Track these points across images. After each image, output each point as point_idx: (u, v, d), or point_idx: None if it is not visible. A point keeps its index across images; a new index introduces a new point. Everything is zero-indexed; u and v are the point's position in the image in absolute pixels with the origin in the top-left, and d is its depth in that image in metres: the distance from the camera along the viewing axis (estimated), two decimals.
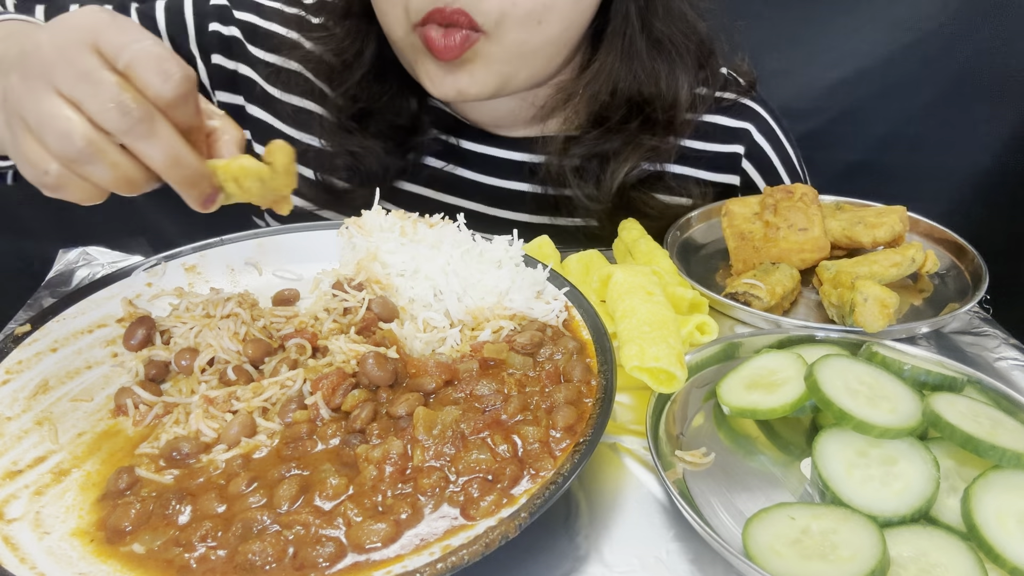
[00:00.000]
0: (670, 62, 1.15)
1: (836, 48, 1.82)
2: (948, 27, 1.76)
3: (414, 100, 1.21)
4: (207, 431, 0.74)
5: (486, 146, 1.27)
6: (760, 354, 0.85)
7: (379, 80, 1.18)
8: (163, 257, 0.97)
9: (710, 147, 1.27)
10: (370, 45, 1.15)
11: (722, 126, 1.27)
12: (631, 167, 1.18)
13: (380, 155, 1.21)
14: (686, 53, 1.16)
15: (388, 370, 0.77)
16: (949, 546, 0.63)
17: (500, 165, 1.27)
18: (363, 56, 1.16)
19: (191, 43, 1.22)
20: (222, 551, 0.61)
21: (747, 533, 0.65)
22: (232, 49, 1.24)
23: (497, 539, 0.59)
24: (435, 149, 1.27)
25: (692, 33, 1.16)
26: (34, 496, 0.68)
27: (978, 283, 1.03)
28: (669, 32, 1.13)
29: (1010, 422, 0.75)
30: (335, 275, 0.91)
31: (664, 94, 1.15)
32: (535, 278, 0.91)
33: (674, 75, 1.15)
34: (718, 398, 0.81)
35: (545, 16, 1.00)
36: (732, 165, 1.28)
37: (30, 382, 0.80)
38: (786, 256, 1.06)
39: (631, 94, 1.15)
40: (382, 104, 1.20)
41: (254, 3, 1.25)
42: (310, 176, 1.25)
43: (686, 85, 1.16)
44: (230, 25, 1.23)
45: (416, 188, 1.29)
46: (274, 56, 1.24)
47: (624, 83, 1.14)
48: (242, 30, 1.24)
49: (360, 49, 1.16)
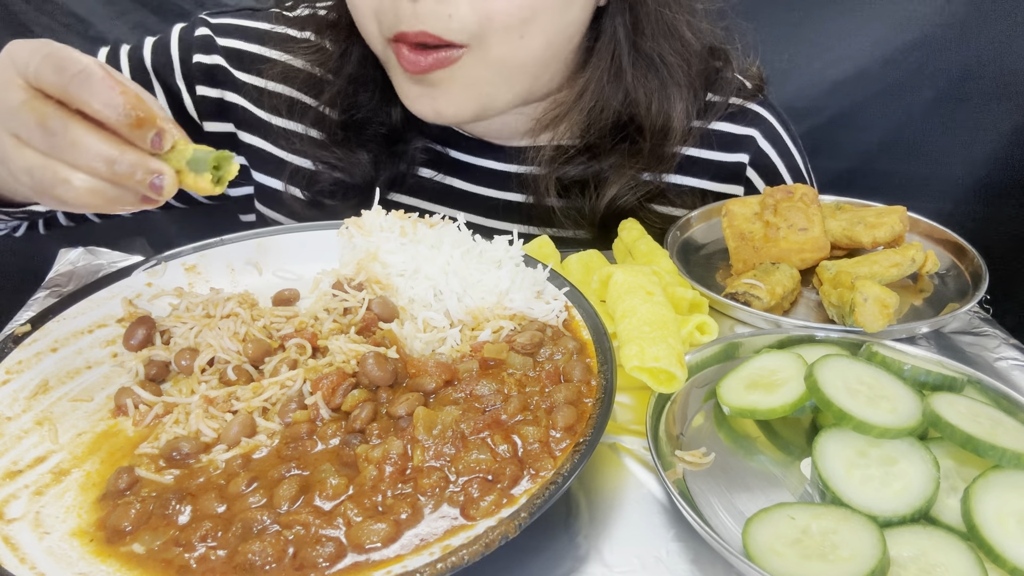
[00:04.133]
0: (662, 82, 1.12)
1: (836, 48, 1.82)
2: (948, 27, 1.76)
3: (398, 109, 1.18)
4: (207, 431, 0.74)
5: (480, 158, 1.25)
6: (760, 354, 0.85)
7: (363, 87, 1.17)
8: (163, 257, 0.97)
9: (714, 156, 1.25)
10: (354, 52, 1.14)
11: (726, 133, 1.24)
12: (618, 192, 1.16)
13: (368, 168, 1.20)
14: (681, 72, 1.13)
15: (388, 370, 0.77)
16: (949, 546, 0.63)
17: (494, 176, 1.26)
18: (347, 64, 1.15)
19: (176, 76, 1.22)
20: (222, 551, 0.61)
21: (747, 533, 0.65)
22: (216, 77, 1.23)
23: (497, 539, 0.59)
24: (428, 159, 1.25)
25: (689, 51, 1.13)
26: (34, 496, 0.68)
27: (978, 283, 1.03)
28: (661, 51, 1.10)
29: (1010, 422, 0.75)
30: (335, 275, 0.91)
31: (654, 116, 1.13)
32: (535, 278, 0.91)
33: (666, 96, 1.12)
34: (718, 398, 0.81)
35: (526, 30, 0.98)
36: (736, 175, 1.26)
37: (30, 382, 0.80)
38: (786, 256, 1.06)
39: (619, 114, 1.13)
40: (368, 113, 1.19)
41: (238, 27, 1.24)
42: (300, 196, 1.24)
43: (680, 105, 1.13)
44: (212, 54, 1.22)
45: (409, 199, 1.27)
46: (260, 80, 1.23)
47: (612, 100, 1.12)
48: (226, 57, 1.23)
49: (346, 56, 1.15)
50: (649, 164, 1.18)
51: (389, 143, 1.21)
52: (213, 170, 0.70)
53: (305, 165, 1.23)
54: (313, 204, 1.24)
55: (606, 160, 1.17)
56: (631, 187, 1.18)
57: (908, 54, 1.80)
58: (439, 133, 1.24)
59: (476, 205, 1.26)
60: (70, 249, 1.10)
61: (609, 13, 1.08)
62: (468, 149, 1.25)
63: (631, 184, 1.18)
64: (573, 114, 1.15)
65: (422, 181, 1.26)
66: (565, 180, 1.18)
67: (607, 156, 1.17)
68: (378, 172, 1.21)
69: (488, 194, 1.26)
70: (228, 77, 1.23)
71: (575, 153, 1.17)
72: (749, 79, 1.26)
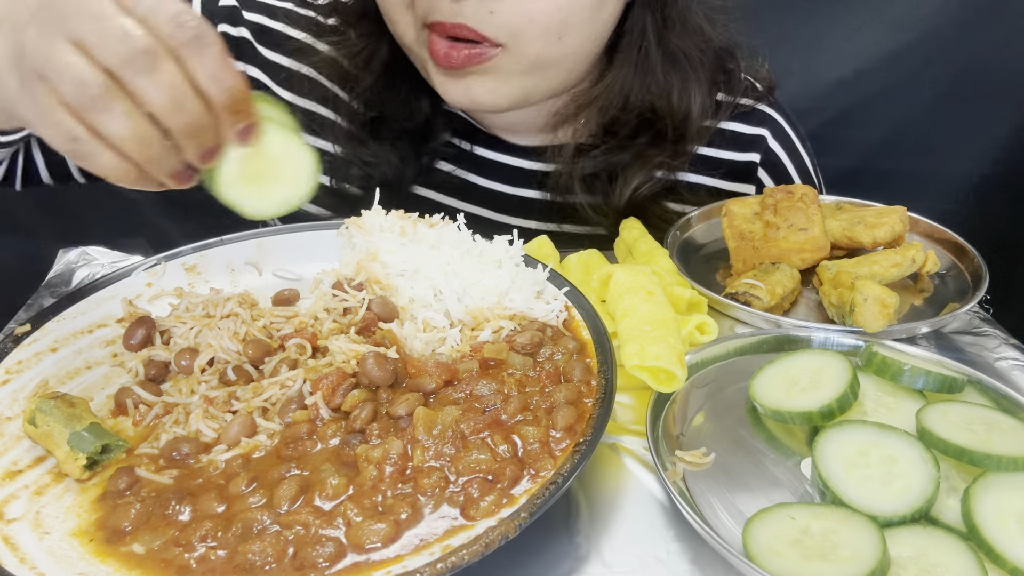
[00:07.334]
0: (684, 76, 1.14)
1: (836, 48, 1.82)
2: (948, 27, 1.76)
3: (427, 103, 1.19)
4: (207, 431, 0.74)
5: (498, 153, 1.26)
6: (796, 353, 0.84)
7: (392, 83, 1.17)
8: (163, 257, 0.97)
9: (725, 155, 1.26)
10: (383, 47, 1.14)
11: (738, 133, 1.26)
12: (640, 182, 1.17)
13: (394, 162, 1.20)
14: (700, 67, 1.15)
15: (388, 370, 0.77)
16: (949, 546, 0.63)
17: (512, 172, 1.26)
18: (376, 58, 1.15)
19: None
20: (222, 551, 0.61)
21: (747, 533, 0.65)
22: (241, 50, 1.22)
23: (497, 539, 0.59)
24: (448, 153, 1.26)
25: (708, 47, 1.15)
26: (34, 496, 0.68)
27: (978, 283, 1.03)
28: (685, 47, 1.12)
29: (1008, 422, 0.75)
30: (335, 275, 0.91)
31: (676, 109, 1.14)
32: (535, 278, 0.91)
33: (687, 90, 1.14)
34: (751, 396, 0.80)
35: (564, 31, 0.99)
36: (748, 174, 1.27)
37: (30, 382, 0.80)
38: (786, 256, 1.06)
39: (642, 107, 1.14)
40: (395, 108, 1.19)
41: (264, 4, 1.24)
42: (324, 183, 1.24)
43: (699, 99, 1.15)
44: (239, 26, 1.22)
45: (426, 192, 1.28)
46: (287, 59, 1.22)
47: (636, 96, 1.13)
48: (251, 31, 1.22)
49: (373, 51, 1.15)
50: (667, 158, 1.19)
51: (416, 137, 1.22)
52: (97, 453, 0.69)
53: (327, 148, 1.23)
54: (334, 192, 1.24)
55: (627, 153, 1.18)
56: (647, 182, 1.19)
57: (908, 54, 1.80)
58: (462, 129, 1.25)
59: (494, 201, 1.27)
60: (70, 249, 1.10)
61: (637, 9, 1.09)
62: (488, 145, 1.26)
63: (648, 179, 1.19)
64: (593, 108, 1.16)
65: (442, 176, 1.27)
66: (587, 174, 1.19)
67: (627, 150, 1.18)
68: (405, 166, 1.21)
69: (507, 191, 1.27)
70: (253, 52, 1.22)
71: (593, 148, 1.18)
72: (759, 81, 1.27)
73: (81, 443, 0.68)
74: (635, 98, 1.13)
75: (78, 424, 0.70)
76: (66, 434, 0.69)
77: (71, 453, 0.68)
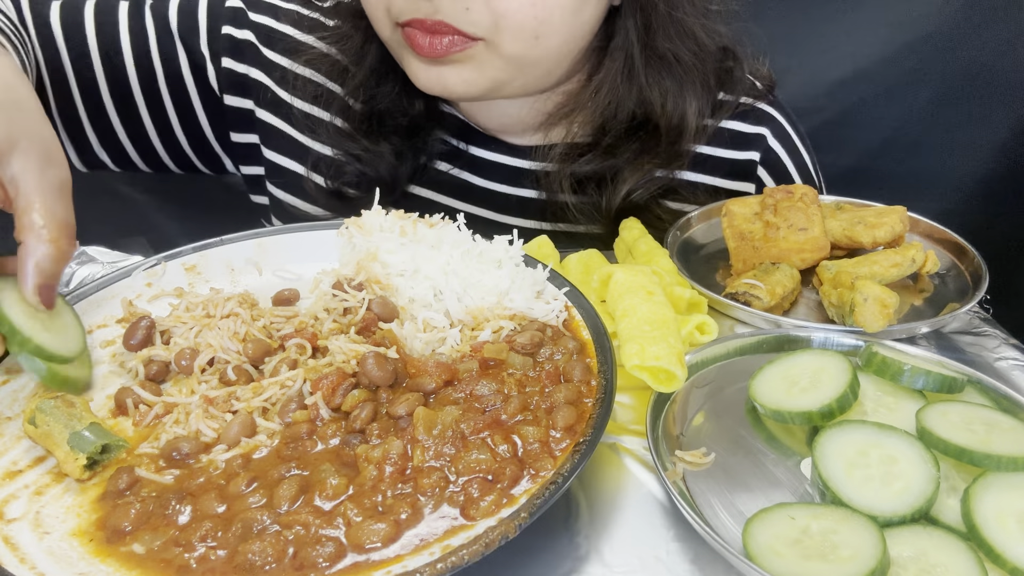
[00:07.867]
0: (677, 81, 1.13)
1: (836, 48, 1.82)
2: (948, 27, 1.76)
3: (420, 101, 1.20)
4: (207, 431, 0.74)
5: (495, 152, 1.26)
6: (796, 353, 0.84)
7: (384, 78, 1.18)
8: (163, 257, 0.97)
9: (725, 153, 1.26)
10: (375, 41, 1.14)
11: (737, 132, 1.25)
12: (631, 188, 1.17)
13: (390, 161, 1.20)
14: (695, 71, 1.14)
15: (388, 370, 0.77)
16: (949, 546, 0.63)
17: (509, 172, 1.26)
18: (368, 53, 1.16)
19: (202, 44, 1.21)
20: (222, 551, 0.61)
21: (747, 533, 0.65)
22: (244, 53, 1.23)
23: (497, 539, 0.59)
24: (443, 153, 1.26)
25: (703, 51, 1.14)
26: (34, 496, 0.68)
27: (978, 283, 1.03)
28: (676, 51, 1.11)
29: (1008, 422, 0.75)
30: (335, 275, 0.91)
31: (670, 113, 1.13)
32: (535, 278, 0.91)
33: (681, 94, 1.13)
34: (751, 396, 0.80)
35: (541, 31, 0.99)
36: (747, 172, 1.27)
37: (30, 382, 0.80)
38: (786, 256, 1.06)
39: (633, 111, 1.14)
40: (389, 104, 1.19)
41: (270, 5, 1.24)
42: (321, 183, 1.24)
43: (695, 103, 1.14)
44: (244, 28, 1.22)
45: (425, 192, 1.28)
46: (286, 60, 1.23)
47: (627, 99, 1.13)
48: (256, 33, 1.22)
49: (365, 46, 1.16)
50: (663, 161, 1.19)
51: (410, 135, 1.22)
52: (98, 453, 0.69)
53: (326, 152, 1.23)
54: (333, 193, 1.25)
55: (620, 156, 1.18)
56: (644, 183, 1.19)
57: (908, 54, 1.80)
58: (457, 128, 1.25)
59: (491, 200, 1.27)
60: None
61: (621, 14, 1.09)
62: (483, 145, 1.26)
63: (644, 180, 1.19)
64: (586, 110, 1.16)
65: (438, 175, 1.27)
66: (579, 176, 1.19)
67: (621, 153, 1.18)
68: (401, 164, 1.22)
69: (504, 190, 1.27)
70: (256, 54, 1.23)
71: (588, 150, 1.18)
72: (760, 79, 1.27)
73: (81, 443, 0.68)
74: (624, 101, 1.13)
75: (78, 424, 0.70)
76: (66, 434, 0.69)
77: (71, 453, 0.68)
